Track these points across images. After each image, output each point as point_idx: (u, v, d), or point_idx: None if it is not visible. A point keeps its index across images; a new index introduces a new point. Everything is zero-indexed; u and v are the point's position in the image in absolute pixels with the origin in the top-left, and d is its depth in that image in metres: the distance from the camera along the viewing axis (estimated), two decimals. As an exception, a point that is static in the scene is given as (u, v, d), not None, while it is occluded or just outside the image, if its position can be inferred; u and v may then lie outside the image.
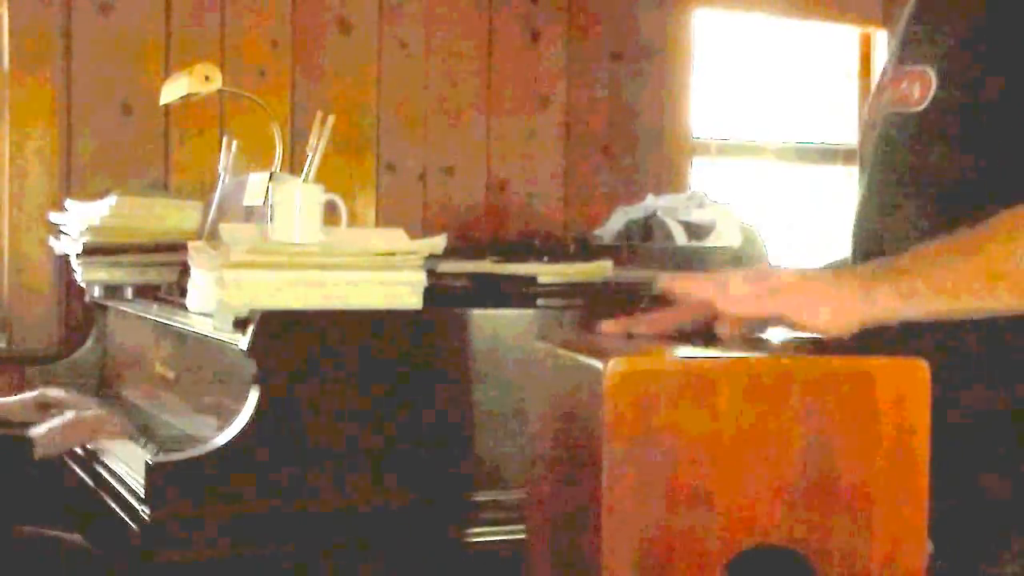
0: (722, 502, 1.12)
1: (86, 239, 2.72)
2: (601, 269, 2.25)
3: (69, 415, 2.26)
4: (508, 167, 3.64)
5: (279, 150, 2.42)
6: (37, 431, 2.17)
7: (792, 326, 1.21)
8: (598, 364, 1.11)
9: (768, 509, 1.13)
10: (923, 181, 1.38)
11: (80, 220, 2.78)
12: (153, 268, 2.73)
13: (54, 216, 2.99)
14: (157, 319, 2.47)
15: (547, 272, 2.16)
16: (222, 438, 1.86)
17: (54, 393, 2.57)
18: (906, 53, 1.43)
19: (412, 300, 2.00)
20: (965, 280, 1.20)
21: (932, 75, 1.36)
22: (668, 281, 1.21)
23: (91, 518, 2.16)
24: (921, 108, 1.37)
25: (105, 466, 2.13)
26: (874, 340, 1.22)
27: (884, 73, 1.50)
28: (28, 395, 2.55)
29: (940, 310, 1.20)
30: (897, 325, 1.21)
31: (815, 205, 4.27)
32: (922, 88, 1.37)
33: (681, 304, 1.25)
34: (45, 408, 2.47)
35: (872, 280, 1.21)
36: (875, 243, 1.44)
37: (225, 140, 2.78)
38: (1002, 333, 1.28)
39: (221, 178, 2.70)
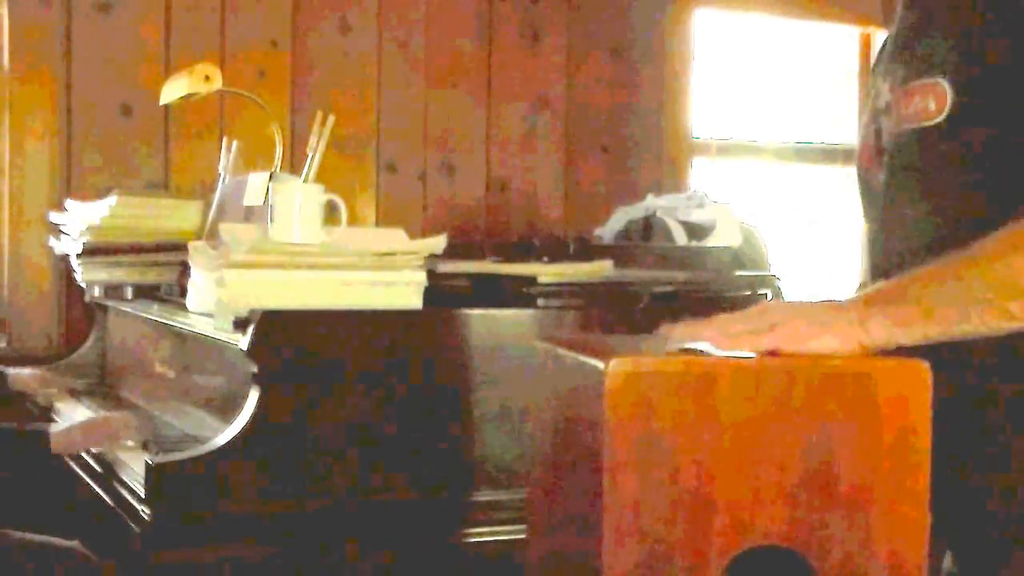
0: (722, 502, 1.12)
1: (86, 239, 2.72)
2: (601, 269, 2.25)
3: (90, 416, 2.27)
4: (508, 167, 3.64)
5: (279, 150, 2.42)
6: (56, 428, 2.17)
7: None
8: (599, 364, 1.11)
9: (768, 509, 1.13)
10: (946, 193, 1.37)
11: (80, 220, 2.78)
12: (153, 268, 2.73)
13: (54, 216, 2.99)
14: (157, 319, 2.47)
15: (547, 272, 2.15)
16: (222, 438, 1.86)
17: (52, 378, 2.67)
18: (910, 70, 1.41)
19: (412, 300, 2.00)
20: (956, 307, 1.21)
21: (947, 86, 1.34)
22: (668, 329, 1.21)
23: (91, 519, 2.16)
24: (939, 120, 1.35)
25: (105, 466, 2.13)
26: None
27: (877, 96, 1.48)
28: (35, 371, 2.63)
29: (933, 336, 1.21)
30: None
31: (815, 205, 4.27)
32: (938, 101, 1.35)
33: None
34: (46, 381, 2.61)
35: (866, 308, 1.21)
36: (896, 263, 1.41)
37: (225, 140, 2.77)
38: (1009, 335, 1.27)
39: (221, 178, 2.70)
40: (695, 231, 3.18)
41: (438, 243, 2.06)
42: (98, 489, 2.09)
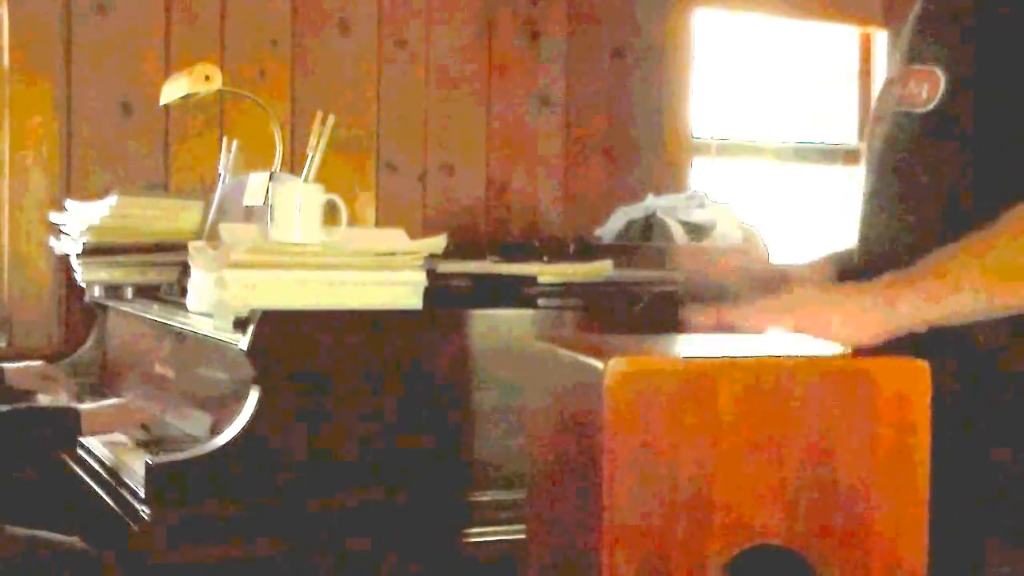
0: (721, 501, 1.12)
1: (86, 239, 2.72)
2: (601, 269, 2.25)
3: (117, 401, 2.32)
4: (508, 167, 3.64)
5: (279, 150, 2.42)
6: (85, 407, 2.20)
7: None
8: (599, 364, 1.11)
9: (767, 508, 1.13)
10: (929, 181, 1.38)
11: (80, 220, 2.78)
12: (153, 268, 2.73)
13: (54, 216, 2.99)
14: (157, 319, 2.46)
15: (547, 272, 2.16)
16: (222, 438, 1.86)
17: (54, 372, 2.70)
18: (913, 52, 1.43)
19: (412, 300, 2.00)
20: (981, 278, 1.21)
21: (941, 75, 1.36)
22: (690, 314, 1.21)
23: (91, 519, 2.16)
24: (929, 108, 1.37)
25: (105, 466, 2.13)
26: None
27: (893, 66, 1.50)
28: (33, 364, 2.64)
29: (962, 311, 1.20)
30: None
31: (815, 205, 4.27)
32: (930, 88, 1.36)
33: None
34: (47, 379, 2.61)
35: (891, 288, 1.21)
36: (880, 240, 1.44)
37: (225, 140, 2.77)
38: (1006, 336, 1.28)
39: (221, 178, 2.70)
40: (695, 231, 3.18)
41: (438, 243, 2.07)
42: (98, 489, 2.09)
